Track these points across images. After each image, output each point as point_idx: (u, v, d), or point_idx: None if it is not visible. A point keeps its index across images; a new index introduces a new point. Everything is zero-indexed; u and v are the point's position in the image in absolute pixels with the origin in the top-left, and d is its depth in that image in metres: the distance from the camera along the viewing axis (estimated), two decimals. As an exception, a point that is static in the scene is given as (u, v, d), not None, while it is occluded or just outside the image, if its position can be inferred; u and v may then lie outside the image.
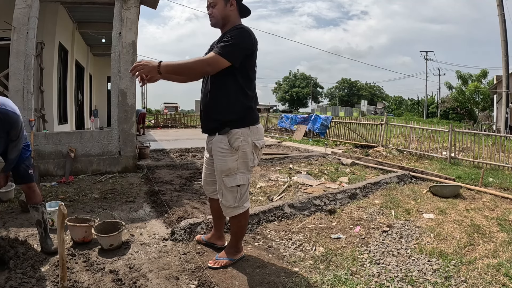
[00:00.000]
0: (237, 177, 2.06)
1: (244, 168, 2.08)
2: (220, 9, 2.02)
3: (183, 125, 20.35)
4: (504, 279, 2.14)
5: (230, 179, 2.06)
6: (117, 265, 2.25)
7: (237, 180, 2.06)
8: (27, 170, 2.44)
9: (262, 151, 2.21)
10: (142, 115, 13.16)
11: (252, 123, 2.07)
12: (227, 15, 2.04)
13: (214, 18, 2.06)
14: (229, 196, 2.09)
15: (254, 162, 2.11)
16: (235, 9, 2.05)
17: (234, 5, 2.04)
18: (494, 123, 19.04)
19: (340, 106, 59.82)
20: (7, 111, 2.14)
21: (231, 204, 2.11)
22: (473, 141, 7.79)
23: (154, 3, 6.07)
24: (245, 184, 2.12)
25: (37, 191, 2.52)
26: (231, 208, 2.12)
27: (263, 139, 2.17)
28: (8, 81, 4.92)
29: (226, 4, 2.02)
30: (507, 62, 14.48)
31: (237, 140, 2.01)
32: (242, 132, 2.02)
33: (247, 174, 2.11)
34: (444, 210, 3.63)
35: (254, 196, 4.06)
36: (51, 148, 5.04)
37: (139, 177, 5.05)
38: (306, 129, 12.89)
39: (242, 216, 2.19)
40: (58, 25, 7.64)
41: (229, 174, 2.06)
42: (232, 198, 2.09)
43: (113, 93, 5.36)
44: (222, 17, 2.04)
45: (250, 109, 2.06)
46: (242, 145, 2.03)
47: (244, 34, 1.95)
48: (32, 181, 2.48)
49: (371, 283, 2.08)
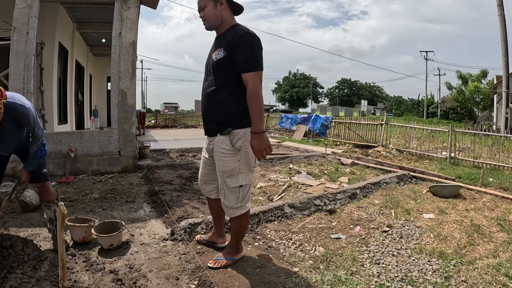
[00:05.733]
0: (239, 177, 2.06)
1: (246, 168, 2.08)
2: (211, 11, 2.02)
3: (183, 125, 20.36)
4: (504, 279, 2.14)
5: (233, 179, 2.06)
6: (117, 265, 2.25)
7: (239, 181, 2.06)
8: (41, 169, 2.48)
9: None
10: (142, 115, 13.17)
11: None
12: (220, 15, 2.03)
13: (207, 21, 2.06)
14: (231, 196, 2.09)
15: (256, 162, 2.11)
16: (226, 7, 2.04)
17: (224, 4, 2.02)
18: (494, 123, 19.04)
19: (340, 106, 59.85)
20: (15, 103, 2.14)
21: (233, 205, 2.10)
22: (473, 141, 7.78)
23: (154, 3, 6.07)
24: (247, 185, 2.11)
25: (51, 189, 2.57)
26: (233, 209, 2.12)
27: None
28: (8, 81, 4.92)
29: (216, 4, 2.01)
30: (507, 62, 14.47)
31: (239, 140, 2.01)
32: (244, 132, 2.01)
33: (249, 174, 2.10)
34: (444, 210, 3.63)
35: (254, 196, 4.06)
36: (51, 148, 5.04)
37: (139, 177, 5.05)
38: (306, 129, 12.89)
39: (243, 216, 2.19)
40: (58, 25, 7.64)
41: (231, 174, 2.05)
42: (234, 199, 2.09)
43: (113, 93, 5.36)
44: (214, 18, 2.04)
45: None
46: (244, 146, 2.02)
47: (255, 40, 1.96)
48: (46, 180, 2.52)
49: (371, 283, 2.08)
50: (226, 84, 2.01)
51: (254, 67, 1.93)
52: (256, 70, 1.94)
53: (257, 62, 1.94)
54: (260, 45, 1.98)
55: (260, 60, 1.96)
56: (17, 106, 2.14)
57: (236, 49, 1.94)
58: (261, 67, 1.96)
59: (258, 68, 1.95)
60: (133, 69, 5.43)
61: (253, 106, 1.93)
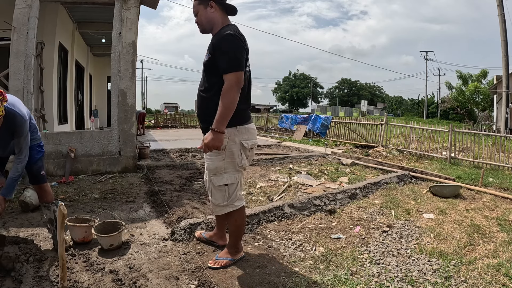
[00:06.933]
0: (225, 176, 2.10)
1: (232, 168, 2.11)
2: (202, 15, 2.08)
3: (183, 125, 20.35)
4: (504, 279, 2.14)
5: (218, 178, 2.11)
6: (117, 265, 2.25)
7: (224, 180, 2.10)
8: (40, 171, 2.47)
9: (254, 151, 2.24)
10: (141, 116, 13.17)
11: (240, 123, 2.09)
12: (211, 18, 2.08)
13: (201, 25, 2.12)
14: (217, 194, 2.14)
15: (242, 162, 2.12)
16: (216, 10, 2.07)
17: (214, 7, 2.06)
18: (494, 123, 19.04)
19: (340, 106, 59.88)
20: (15, 112, 2.11)
21: (220, 203, 2.15)
22: (473, 141, 7.78)
23: (154, 3, 6.07)
24: (234, 184, 2.14)
25: (49, 190, 2.56)
26: (220, 207, 2.17)
27: (254, 139, 2.19)
28: (8, 81, 4.92)
29: (205, 8, 2.07)
30: (507, 62, 14.47)
31: (224, 139, 2.02)
32: (228, 132, 2.03)
33: (235, 174, 2.13)
34: (444, 210, 3.63)
35: (254, 196, 4.06)
36: (51, 148, 5.04)
37: (139, 177, 5.05)
38: (306, 129, 12.89)
39: (238, 215, 2.21)
40: (58, 25, 7.65)
41: (216, 173, 2.10)
42: (220, 197, 2.14)
43: (113, 93, 5.36)
44: (206, 21, 2.09)
45: (237, 109, 2.03)
46: (228, 145, 2.05)
47: (234, 39, 1.97)
48: (44, 182, 2.51)
49: (371, 283, 2.08)
50: (213, 85, 2.05)
51: (231, 68, 1.94)
52: (233, 71, 1.94)
53: (234, 64, 1.94)
54: (239, 46, 1.98)
55: (238, 62, 1.95)
56: (16, 115, 2.12)
57: (217, 52, 1.99)
58: (239, 68, 1.95)
59: (235, 69, 1.94)
60: (133, 69, 5.43)
61: (220, 105, 1.95)
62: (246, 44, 2.06)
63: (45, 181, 2.52)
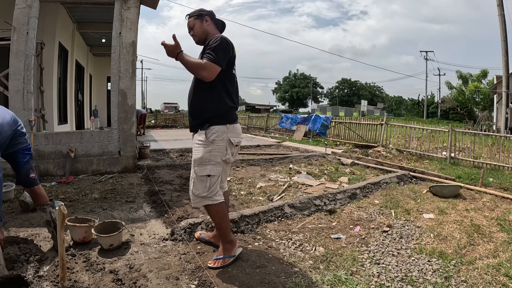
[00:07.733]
0: (208, 167, 2.22)
1: (215, 160, 2.24)
2: (198, 28, 2.36)
3: (183, 125, 20.35)
4: (504, 279, 2.14)
5: (201, 168, 2.23)
6: (117, 265, 2.25)
7: (207, 170, 2.22)
8: (28, 175, 2.42)
9: (238, 148, 2.44)
10: (143, 116, 13.09)
11: (230, 122, 2.28)
12: (205, 30, 2.37)
13: (196, 37, 2.38)
14: (199, 185, 2.23)
15: (227, 156, 2.27)
16: (210, 23, 2.39)
17: (208, 21, 2.38)
18: (494, 123, 19.04)
19: (340, 106, 59.89)
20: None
21: (200, 193, 2.23)
22: (473, 141, 7.78)
23: (154, 3, 6.07)
24: (215, 176, 2.24)
25: (42, 193, 2.52)
26: (200, 197, 2.24)
27: (240, 137, 2.39)
28: (8, 81, 4.92)
29: (202, 22, 2.37)
30: (507, 62, 14.47)
31: (213, 134, 2.22)
32: (218, 128, 2.23)
33: (217, 167, 2.25)
34: (444, 210, 3.63)
35: (254, 196, 4.06)
36: (51, 148, 5.04)
37: (139, 177, 5.05)
38: (306, 129, 12.89)
39: (219, 207, 2.28)
40: (58, 25, 7.65)
41: (200, 163, 2.23)
42: (201, 187, 2.22)
43: (113, 93, 5.36)
44: (201, 32, 2.37)
45: (228, 108, 2.26)
46: (217, 140, 2.23)
47: (223, 40, 2.21)
48: (35, 185, 2.47)
49: (371, 283, 2.08)
50: (205, 85, 2.22)
51: (211, 59, 2.12)
52: (211, 62, 2.12)
53: (215, 58, 2.13)
54: (226, 48, 2.19)
55: (218, 58, 2.14)
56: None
57: (206, 48, 2.21)
58: (217, 62, 2.14)
59: (214, 62, 2.12)
60: (133, 69, 5.43)
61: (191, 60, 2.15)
62: (233, 51, 2.28)
63: (36, 183, 2.47)
